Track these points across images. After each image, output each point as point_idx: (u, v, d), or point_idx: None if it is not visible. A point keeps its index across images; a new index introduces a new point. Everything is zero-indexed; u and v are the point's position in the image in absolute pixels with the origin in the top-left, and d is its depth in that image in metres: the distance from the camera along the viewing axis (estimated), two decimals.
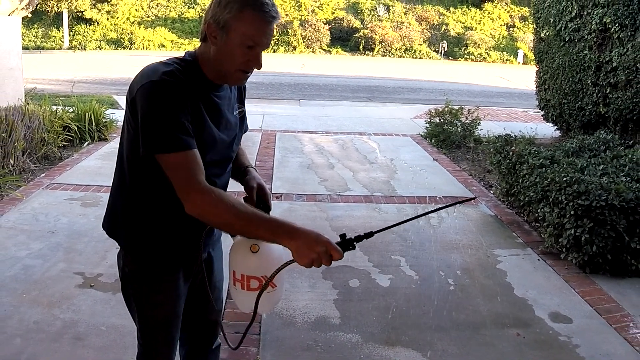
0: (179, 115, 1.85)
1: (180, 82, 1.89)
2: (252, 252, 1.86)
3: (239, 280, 1.89)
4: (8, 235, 5.06)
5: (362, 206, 6.32)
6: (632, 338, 3.79)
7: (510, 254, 5.16)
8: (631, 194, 4.65)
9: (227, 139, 2.12)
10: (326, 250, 1.75)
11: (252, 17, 1.88)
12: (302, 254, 1.75)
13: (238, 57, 1.93)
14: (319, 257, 1.74)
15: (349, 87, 17.83)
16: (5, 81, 8.87)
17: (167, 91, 1.85)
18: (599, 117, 8.41)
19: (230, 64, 1.95)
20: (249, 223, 1.82)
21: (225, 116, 2.10)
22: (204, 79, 2.00)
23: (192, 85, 1.94)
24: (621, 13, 7.57)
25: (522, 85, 19.15)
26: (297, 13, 32.63)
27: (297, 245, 1.75)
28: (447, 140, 9.36)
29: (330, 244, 1.76)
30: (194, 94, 1.94)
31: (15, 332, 3.57)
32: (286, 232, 1.79)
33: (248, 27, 1.89)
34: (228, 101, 2.13)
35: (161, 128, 1.84)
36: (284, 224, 1.82)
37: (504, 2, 34.25)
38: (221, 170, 2.17)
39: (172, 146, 1.83)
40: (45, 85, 13.77)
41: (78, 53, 26.30)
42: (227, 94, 2.13)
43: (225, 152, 2.15)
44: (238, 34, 1.89)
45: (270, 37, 1.95)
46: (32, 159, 7.16)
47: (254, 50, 1.93)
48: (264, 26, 1.90)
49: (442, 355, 3.59)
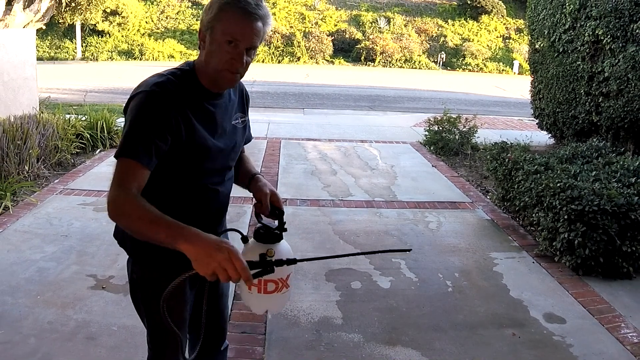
0: (154, 129, 1.83)
1: (168, 93, 1.88)
2: (269, 257, 1.77)
3: (255, 285, 1.80)
4: (23, 239, 5.07)
5: (363, 211, 6.32)
6: (624, 337, 3.79)
7: (506, 256, 5.16)
8: (622, 199, 4.65)
9: (225, 147, 2.09)
10: (229, 259, 1.59)
11: (231, 13, 1.87)
12: (201, 262, 1.60)
13: (222, 55, 1.90)
14: (220, 266, 1.59)
15: (351, 97, 17.85)
16: (21, 91, 8.93)
17: (151, 103, 1.85)
18: (592, 125, 8.41)
19: (215, 63, 1.92)
20: (150, 225, 1.71)
21: (221, 124, 2.07)
22: (199, 87, 1.99)
23: (185, 94, 1.93)
24: (613, 25, 7.58)
25: (517, 95, 19.16)
26: (301, 25, 32.71)
27: (196, 252, 1.62)
28: (446, 147, 9.37)
29: (233, 253, 1.60)
30: (184, 103, 1.92)
31: (30, 332, 3.58)
32: (185, 237, 1.65)
33: (226, 24, 1.88)
34: (225, 109, 2.10)
35: (131, 137, 1.83)
36: (185, 228, 1.68)
37: (500, 15, 34.29)
38: (220, 179, 2.14)
39: (127, 152, 1.81)
40: (59, 94, 13.81)
41: (90, 64, 26.39)
42: (225, 102, 2.10)
43: (223, 160, 2.13)
44: (219, 32, 1.89)
45: (252, 34, 1.90)
46: (46, 165, 7.19)
47: (237, 48, 1.89)
48: (242, 22, 1.88)
49: (440, 355, 3.59)
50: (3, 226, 5.31)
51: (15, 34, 9.50)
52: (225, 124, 2.10)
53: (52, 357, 3.34)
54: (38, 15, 12.25)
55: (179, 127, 1.89)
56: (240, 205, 6.02)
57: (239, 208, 5.96)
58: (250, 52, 1.94)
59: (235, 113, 2.18)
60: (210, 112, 2.02)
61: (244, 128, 2.25)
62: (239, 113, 2.21)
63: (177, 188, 2.03)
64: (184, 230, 1.67)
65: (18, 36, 9.27)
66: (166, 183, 2.00)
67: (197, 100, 1.98)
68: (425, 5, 35.91)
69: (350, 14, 34.33)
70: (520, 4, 32.29)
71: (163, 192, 1.99)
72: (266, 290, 1.82)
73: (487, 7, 33.81)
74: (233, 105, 2.16)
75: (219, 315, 2.41)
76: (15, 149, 6.73)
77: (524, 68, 27.78)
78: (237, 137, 2.19)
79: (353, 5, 35.10)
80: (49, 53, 27.52)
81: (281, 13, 33.48)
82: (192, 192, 2.07)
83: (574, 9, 8.48)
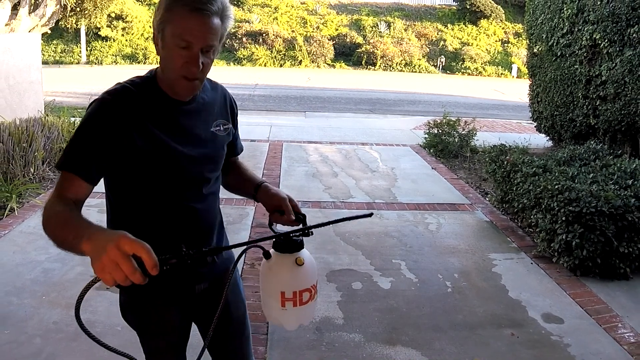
0: (97, 141, 1.69)
1: (119, 102, 1.73)
2: (299, 265, 1.65)
3: (290, 299, 1.64)
4: (29, 240, 5.08)
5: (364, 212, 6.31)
6: (621, 337, 3.79)
7: (505, 257, 5.17)
8: (619, 201, 4.66)
9: (198, 156, 1.88)
10: (124, 257, 1.28)
11: (178, 12, 1.65)
12: (94, 257, 1.33)
13: (175, 60, 1.69)
14: (109, 258, 1.29)
15: (351, 100, 17.85)
16: (26, 94, 8.94)
17: (98, 112, 1.72)
18: (589, 128, 8.41)
19: (171, 71, 1.73)
20: (63, 228, 1.52)
21: (192, 131, 1.87)
22: (160, 94, 1.81)
23: (142, 102, 1.76)
24: (610, 29, 7.58)
25: (516, 98, 19.15)
26: (303, 29, 32.71)
27: (91, 249, 1.36)
28: (445, 150, 9.38)
29: (124, 239, 1.31)
30: (141, 112, 1.75)
31: (35, 332, 3.58)
32: (87, 235, 1.40)
33: (176, 25, 1.65)
34: (197, 115, 1.89)
35: (71, 148, 1.71)
36: (91, 227, 1.46)
37: (498, 19, 34.27)
38: (196, 193, 1.93)
39: (65, 164, 1.69)
40: (64, 97, 13.84)
41: (95, 67, 26.42)
42: (198, 107, 1.89)
43: (198, 170, 1.91)
44: (169, 34, 1.67)
45: (206, 32, 1.67)
46: (51, 167, 7.19)
47: (190, 51, 1.67)
48: (191, 20, 1.64)
49: (440, 354, 3.59)
50: (9, 227, 5.32)
51: (21, 38, 9.52)
52: (199, 131, 1.90)
53: (57, 357, 3.35)
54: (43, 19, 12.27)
55: (131, 137, 1.72)
56: (242, 207, 6.02)
57: (241, 210, 5.96)
58: (207, 54, 1.72)
59: (216, 119, 1.98)
60: (174, 119, 1.83)
61: (227, 136, 2.04)
62: (221, 119, 2.00)
63: (151, 208, 1.87)
64: (89, 229, 1.45)
65: (24, 40, 9.30)
66: (139, 203, 1.86)
67: (157, 108, 1.80)
68: (425, 10, 35.90)
69: (351, 19, 34.32)
70: (519, 9, 32.28)
71: (137, 214, 1.87)
72: (302, 301, 1.66)
73: (486, 11, 33.79)
74: (210, 110, 1.97)
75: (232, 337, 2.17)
76: (21, 151, 6.74)
77: (523, 72, 27.74)
78: (217, 145, 1.98)
79: (354, 10, 35.11)
80: (54, 57, 27.55)
81: (283, 17, 33.51)
82: (167, 211, 1.88)
83: (571, 13, 8.49)
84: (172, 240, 1.77)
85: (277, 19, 32.90)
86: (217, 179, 2.04)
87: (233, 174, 2.20)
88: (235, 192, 2.22)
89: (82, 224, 1.50)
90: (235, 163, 2.23)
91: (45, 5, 12.03)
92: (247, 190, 2.11)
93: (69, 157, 1.70)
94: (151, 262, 1.30)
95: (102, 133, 1.70)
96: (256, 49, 30.10)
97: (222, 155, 2.02)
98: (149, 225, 1.85)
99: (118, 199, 1.90)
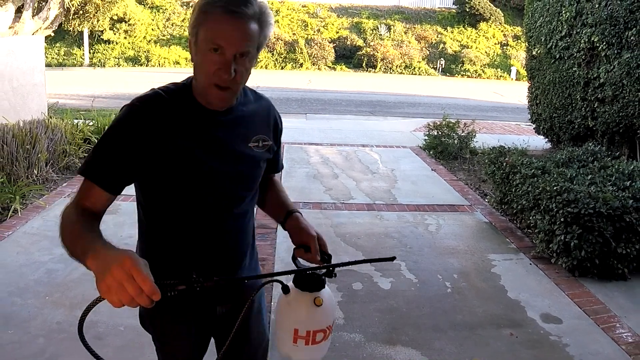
0: (122, 149, 1.61)
1: (149, 109, 1.65)
2: (317, 305, 1.57)
3: (302, 337, 1.58)
4: (32, 241, 5.08)
5: (364, 213, 6.33)
6: (619, 337, 3.80)
7: (504, 258, 5.17)
8: (617, 202, 4.66)
9: (230, 171, 1.76)
10: (126, 269, 1.21)
11: (213, 15, 1.55)
12: (99, 279, 1.24)
13: (207, 66, 1.58)
14: (115, 280, 1.21)
15: (352, 102, 17.85)
16: (30, 96, 8.95)
17: (126, 119, 1.64)
18: (587, 130, 8.41)
19: (203, 77, 1.62)
20: (75, 239, 1.46)
21: (226, 145, 1.74)
22: (193, 103, 1.69)
23: (174, 111, 1.66)
24: (608, 32, 7.58)
25: (515, 100, 19.16)
26: (304, 32, 32.70)
27: (96, 267, 1.28)
28: (445, 151, 9.38)
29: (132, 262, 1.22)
30: (171, 121, 1.65)
31: (38, 332, 3.59)
32: (94, 250, 1.34)
33: (208, 28, 1.56)
34: (233, 128, 1.76)
35: (94, 155, 1.63)
36: (99, 241, 1.39)
37: (498, 22, 34.26)
38: (227, 212, 1.82)
39: (86, 172, 1.62)
40: (67, 100, 13.84)
41: (98, 70, 26.42)
42: (236, 120, 1.76)
43: (230, 188, 1.79)
44: (202, 38, 1.57)
45: (240, 37, 1.56)
46: (54, 169, 7.20)
47: (223, 56, 1.55)
48: (225, 23, 1.54)
49: (440, 354, 3.59)
50: (12, 228, 5.33)
51: (25, 41, 9.52)
52: (234, 146, 1.76)
53: (59, 357, 3.35)
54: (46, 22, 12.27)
55: (158, 148, 1.63)
56: None
57: None
58: (242, 60, 1.59)
59: (255, 134, 1.82)
60: (208, 131, 1.71)
61: (266, 153, 1.88)
62: (261, 135, 1.84)
63: (179, 223, 1.77)
64: (96, 244, 1.38)
65: (27, 43, 9.30)
66: (167, 217, 1.77)
67: (190, 118, 1.68)
68: (425, 13, 35.90)
69: (352, 22, 34.31)
70: (518, 12, 32.27)
71: (165, 229, 1.78)
72: (314, 340, 1.59)
73: (485, 14, 33.79)
74: (250, 124, 1.82)
75: None
76: (25, 153, 6.74)
77: (522, 74, 27.77)
78: (254, 162, 1.84)
79: (354, 13, 35.10)
80: (58, 60, 27.56)
81: (284, 20, 33.49)
82: (195, 228, 1.78)
83: (570, 16, 8.49)
84: (200, 258, 1.78)
85: (279, 22, 32.87)
86: (252, 197, 1.92)
87: (266, 193, 2.07)
88: (265, 210, 2.09)
89: (90, 239, 1.42)
90: (271, 181, 2.10)
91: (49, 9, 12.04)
92: (277, 215, 1.99)
93: (90, 164, 1.62)
94: (148, 288, 1.21)
95: (127, 142, 1.61)
96: None
97: (258, 174, 1.89)
98: (177, 240, 1.79)
99: (147, 210, 1.81)
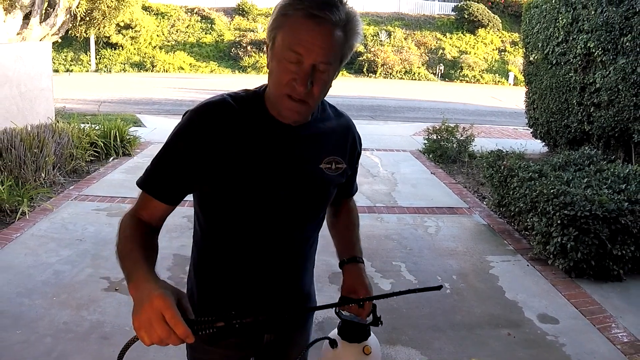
0: (178, 157, 1.47)
1: (211, 117, 1.47)
2: (366, 354, 1.49)
3: None
4: (40, 243, 5.10)
5: (365, 216, 6.32)
6: (614, 337, 3.80)
7: (502, 260, 5.17)
8: (613, 204, 4.66)
9: (295, 194, 1.55)
10: (159, 318, 1.12)
11: (292, 18, 1.35)
12: (134, 310, 1.16)
13: (281, 76, 1.38)
14: (146, 318, 1.13)
15: (353, 107, 17.84)
16: (37, 101, 8.96)
17: (185, 127, 1.48)
18: (584, 134, 8.42)
19: (275, 87, 1.42)
20: (124, 256, 1.35)
21: (295, 163, 1.53)
22: (263, 113, 1.51)
23: (242, 120, 1.49)
24: (604, 38, 7.59)
25: (512, 105, 19.12)
26: None
27: (134, 298, 1.19)
28: (444, 155, 9.38)
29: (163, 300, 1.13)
30: (236, 132, 1.47)
31: (46, 332, 3.59)
32: (135, 278, 1.24)
33: (287, 33, 1.36)
34: (306, 146, 1.55)
35: (152, 166, 1.51)
36: (142, 267, 1.28)
37: (496, 29, 34.28)
38: (288, 237, 1.61)
39: (142, 183, 1.51)
40: (74, 104, 13.86)
41: (104, 75, 26.44)
42: (310, 137, 1.56)
43: (293, 211, 1.57)
44: (279, 44, 1.38)
45: (322, 45, 1.34)
46: (61, 172, 7.21)
47: (300, 65, 1.35)
48: (305, 28, 1.33)
49: (439, 353, 3.60)
50: (20, 231, 5.34)
51: (32, 46, 9.54)
52: (304, 164, 1.55)
53: (67, 356, 3.36)
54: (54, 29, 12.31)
55: (220, 160, 1.46)
56: None
57: None
58: (321, 72, 1.38)
59: (328, 155, 1.60)
60: (277, 145, 1.51)
61: (339, 177, 1.65)
62: (334, 157, 1.62)
63: (235, 243, 1.59)
64: (139, 270, 1.27)
65: (35, 49, 9.32)
66: (223, 233, 1.59)
67: (257, 130, 1.50)
68: (425, 20, 35.92)
69: None
70: (515, 18, 32.31)
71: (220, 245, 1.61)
72: None
73: (484, 21, 33.80)
74: (325, 143, 1.60)
75: None
76: (32, 156, 6.76)
77: (519, 79, 27.74)
78: (324, 185, 1.61)
79: None
80: (65, 65, 27.57)
81: None
82: (251, 251, 1.59)
83: (566, 22, 8.50)
84: (254, 281, 1.62)
85: None
86: (317, 223, 1.70)
87: (336, 220, 1.89)
88: (332, 236, 1.90)
89: (135, 262, 1.30)
90: (344, 207, 1.90)
91: (56, 15, 12.08)
92: (341, 251, 1.81)
93: (148, 176, 1.50)
94: (180, 331, 1.12)
95: (187, 153, 1.46)
96: (261, 57, 30.00)
97: (327, 199, 1.67)
98: (230, 259, 1.62)
99: (203, 222, 1.63)
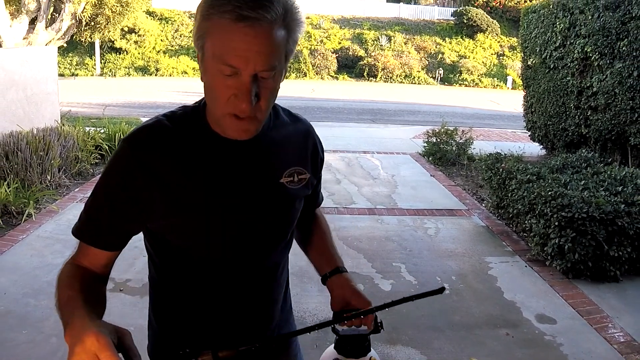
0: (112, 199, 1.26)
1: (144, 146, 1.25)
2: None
3: None
4: (45, 244, 5.11)
5: (366, 218, 6.33)
6: (611, 337, 3.80)
7: (500, 261, 5.17)
8: (610, 206, 4.66)
9: (254, 217, 1.33)
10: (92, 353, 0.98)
11: (219, 23, 1.10)
12: (69, 352, 1.01)
13: (219, 92, 1.15)
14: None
15: (354, 110, 17.86)
16: (43, 105, 8.97)
17: (116, 162, 1.27)
18: (581, 137, 8.42)
19: (215, 105, 1.19)
20: (61, 307, 1.18)
21: (248, 183, 1.31)
22: (206, 130, 1.28)
23: (179, 142, 1.26)
24: (601, 43, 7.60)
25: (511, 109, 19.13)
26: (307, 43, 32.75)
27: (69, 346, 1.03)
28: (443, 158, 9.39)
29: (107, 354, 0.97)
30: (175, 157, 1.25)
31: (51, 332, 3.59)
32: (70, 323, 1.08)
33: (214, 42, 1.11)
34: (260, 161, 1.33)
35: (85, 211, 1.32)
36: (77, 311, 1.11)
37: (494, 33, 34.30)
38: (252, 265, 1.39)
39: (77, 231, 1.33)
40: (79, 108, 13.86)
41: (109, 79, 26.47)
42: (263, 150, 1.33)
43: (257, 237, 1.36)
44: (209, 55, 1.13)
45: (259, 50, 1.10)
46: (67, 175, 7.22)
47: (238, 78, 1.11)
48: (237, 35, 1.08)
49: (438, 353, 3.60)
50: (26, 232, 5.35)
51: (38, 51, 9.57)
52: (261, 182, 1.34)
53: None
54: (59, 33, 12.36)
55: (160, 192, 1.25)
56: None
57: None
58: (265, 82, 1.15)
59: (288, 167, 1.39)
60: (224, 165, 1.29)
61: (304, 189, 1.44)
62: (295, 167, 1.40)
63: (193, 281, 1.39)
64: (75, 316, 1.10)
65: (40, 53, 9.33)
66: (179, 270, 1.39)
67: (201, 150, 1.27)
68: (424, 24, 35.95)
69: (354, 33, 34.37)
70: (514, 23, 32.34)
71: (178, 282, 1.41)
72: None
73: (482, 26, 33.83)
74: (282, 154, 1.39)
75: None
76: (38, 159, 6.77)
77: (517, 83, 27.70)
78: (286, 202, 1.40)
79: (356, 24, 35.16)
80: (70, 69, 27.58)
81: None
82: (212, 286, 1.39)
83: (564, 27, 8.51)
84: (217, 318, 1.43)
85: None
86: (286, 245, 1.49)
87: (309, 235, 1.66)
88: (305, 253, 1.68)
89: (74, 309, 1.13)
90: (315, 219, 1.68)
91: (61, 20, 12.12)
92: (320, 266, 1.60)
93: (82, 224, 1.32)
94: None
95: (122, 190, 1.25)
96: None
97: (294, 216, 1.45)
98: (192, 300, 1.41)
99: (156, 263, 1.44)
